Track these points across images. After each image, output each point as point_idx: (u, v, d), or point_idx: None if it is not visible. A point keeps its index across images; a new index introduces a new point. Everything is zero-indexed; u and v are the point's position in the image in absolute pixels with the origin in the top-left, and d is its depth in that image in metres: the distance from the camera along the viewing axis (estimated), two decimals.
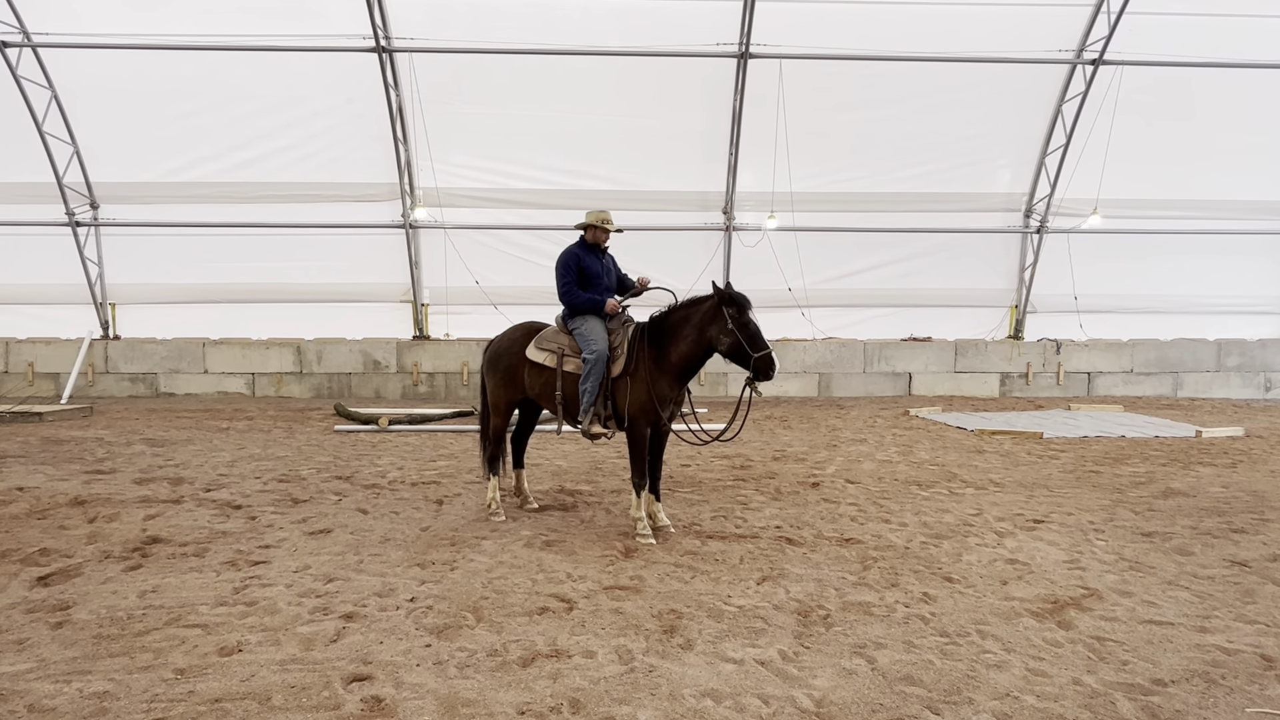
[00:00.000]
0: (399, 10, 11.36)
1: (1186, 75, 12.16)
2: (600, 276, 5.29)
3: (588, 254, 5.28)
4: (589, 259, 5.27)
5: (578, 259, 5.24)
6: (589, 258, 5.27)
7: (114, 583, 4.08)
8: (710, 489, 6.41)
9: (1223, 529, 5.24)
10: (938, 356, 13.76)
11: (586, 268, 5.24)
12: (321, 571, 4.26)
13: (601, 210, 5.36)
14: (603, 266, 5.32)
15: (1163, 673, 3.16)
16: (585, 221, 5.31)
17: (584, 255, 5.27)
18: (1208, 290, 13.98)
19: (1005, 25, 11.65)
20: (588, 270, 5.24)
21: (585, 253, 5.28)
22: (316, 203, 12.75)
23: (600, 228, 5.29)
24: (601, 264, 5.32)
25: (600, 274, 5.29)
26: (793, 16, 11.39)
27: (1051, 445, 8.64)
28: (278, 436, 9.06)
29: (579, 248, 5.30)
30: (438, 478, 6.77)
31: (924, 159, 12.97)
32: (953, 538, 5.03)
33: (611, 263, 5.46)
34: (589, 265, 5.25)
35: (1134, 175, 12.84)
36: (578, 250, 5.28)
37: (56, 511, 5.50)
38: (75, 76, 11.87)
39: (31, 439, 8.65)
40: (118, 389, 13.13)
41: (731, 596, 3.95)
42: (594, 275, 5.26)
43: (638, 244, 9.41)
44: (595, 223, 5.29)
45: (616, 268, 5.50)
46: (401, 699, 2.88)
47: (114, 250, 13.18)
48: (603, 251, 5.39)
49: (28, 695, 2.88)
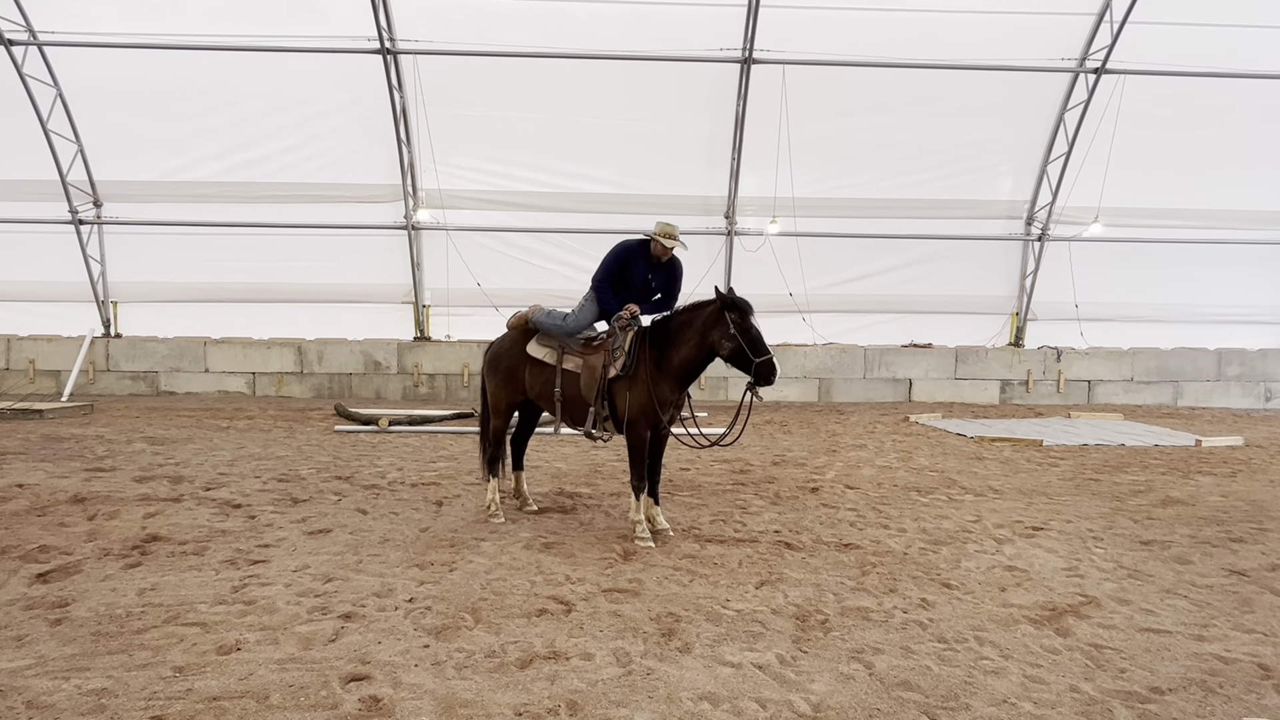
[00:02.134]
0: (404, 12, 11.40)
1: (1189, 85, 12.18)
2: (636, 284, 5.15)
3: (638, 259, 5.14)
4: (636, 264, 5.14)
5: (623, 258, 5.15)
6: (637, 262, 5.14)
7: (113, 580, 4.08)
8: (709, 493, 6.41)
9: (1221, 538, 5.24)
10: (938, 363, 13.76)
11: (628, 269, 5.14)
12: (320, 571, 4.27)
13: (669, 224, 5.09)
14: (647, 279, 5.15)
15: (1160, 681, 3.16)
16: (652, 232, 5.11)
17: (633, 258, 5.14)
18: (1208, 300, 13.98)
19: (1008, 33, 11.68)
20: (628, 273, 5.14)
21: (637, 256, 5.15)
22: (319, 203, 12.78)
23: (659, 239, 5.06)
24: (647, 275, 5.15)
25: (638, 282, 5.15)
26: (796, 23, 11.41)
27: (1051, 453, 8.65)
28: (278, 436, 9.07)
29: (636, 246, 5.18)
30: (437, 479, 6.78)
31: (926, 165, 12.99)
32: (951, 544, 5.03)
33: (668, 276, 5.22)
34: (633, 270, 5.14)
35: (1136, 184, 12.86)
36: (633, 248, 5.17)
37: (56, 509, 5.51)
38: (81, 75, 11.90)
39: (32, 436, 8.66)
40: (119, 387, 13.14)
41: (730, 600, 3.95)
42: (631, 281, 5.15)
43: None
44: (658, 234, 5.06)
45: (671, 287, 5.25)
46: (399, 699, 2.89)
47: (116, 248, 13.21)
48: (660, 263, 5.19)
49: (26, 692, 2.89)
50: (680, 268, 5.33)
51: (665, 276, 5.25)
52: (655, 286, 5.23)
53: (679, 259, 5.32)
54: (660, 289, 5.26)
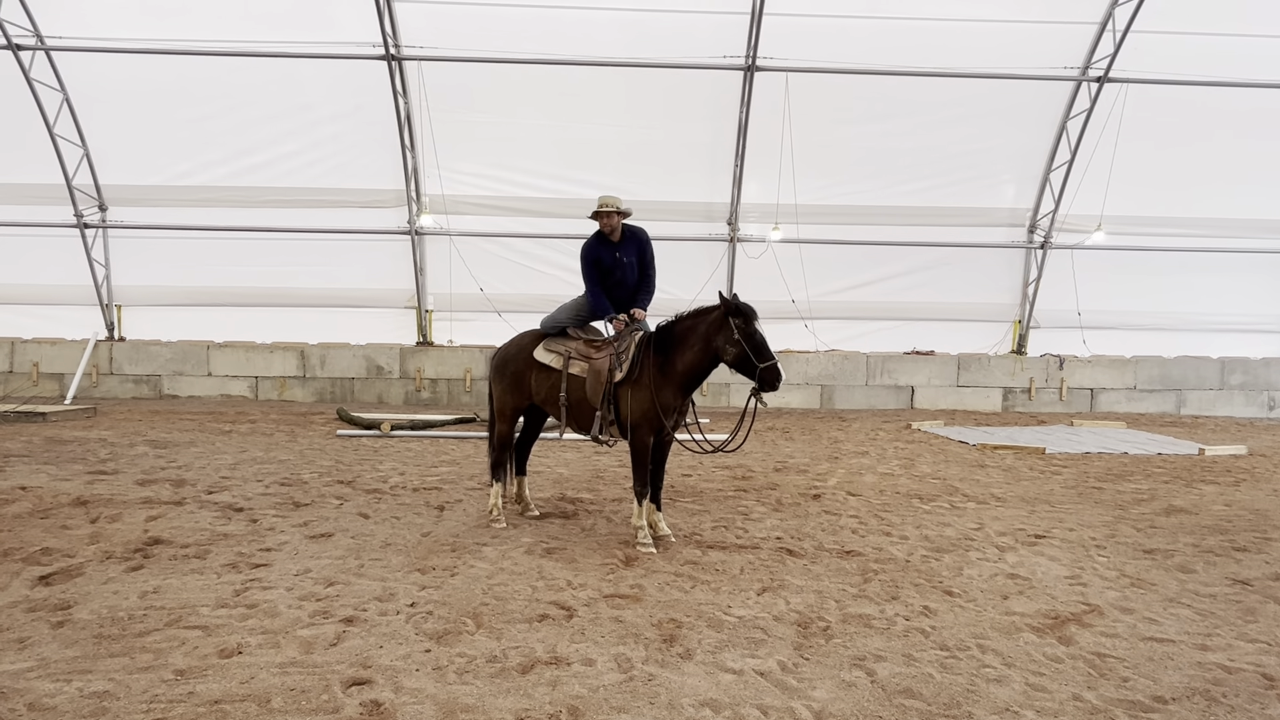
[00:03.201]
0: (408, 19, 11.46)
1: (1191, 94, 12.20)
2: (613, 270, 5.26)
3: (601, 246, 5.27)
4: (602, 250, 5.25)
5: (591, 254, 5.26)
6: (602, 249, 5.26)
7: (115, 583, 4.09)
8: (711, 499, 6.41)
9: (1225, 547, 5.23)
10: (940, 370, 13.75)
11: (601, 260, 5.24)
12: (322, 575, 4.27)
13: (608, 195, 5.23)
14: (615, 259, 5.25)
15: (1163, 690, 3.15)
16: (593, 210, 5.24)
17: (597, 247, 5.26)
18: (1212, 308, 13.97)
19: (1011, 41, 11.72)
20: (603, 263, 5.25)
21: (598, 244, 5.27)
22: (323, 208, 12.82)
23: (601, 211, 5.18)
24: (615, 256, 5.25)
25: (612, 267, 5.25)
26: (800, 30, 11.45)
27: (1054, 461, 8.63)
28: (280, 440, 9.08)
29: (594, 239, 5.30)
30: (439, 483, 6.78)
31: (929, 173, 13.02)
32: (954, 552, 5.02)
33: (634, 253, 5.29)
34: (604, 258, 5.25)
35: (1139, 192, 12.87)
36: (593, 241, 5.29)
37: (59, 511, 5.52)
38: (87, 80, 11.96)
39: (35, 439, 8.68)
40: (122, 390, 13.17)
41: (731, 607, 3.94)
42: (609, 269, 5.26)
43: None
44: (598, 207, 5.21)
45: (642, 258, 5.31)
46: (400, 703, 2.88)
47: (121, 252, 13.24)
48: (619, 241, 5.27)
49: (28, 694, 2.89)
50: (643, 237, 5.38)
51: (634, 251, 5.32)
52: (629, 263, 5.30)
53: (641, 230, 5.37)
54: (635, 264, 5.32)
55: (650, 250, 5.41)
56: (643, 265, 5.37)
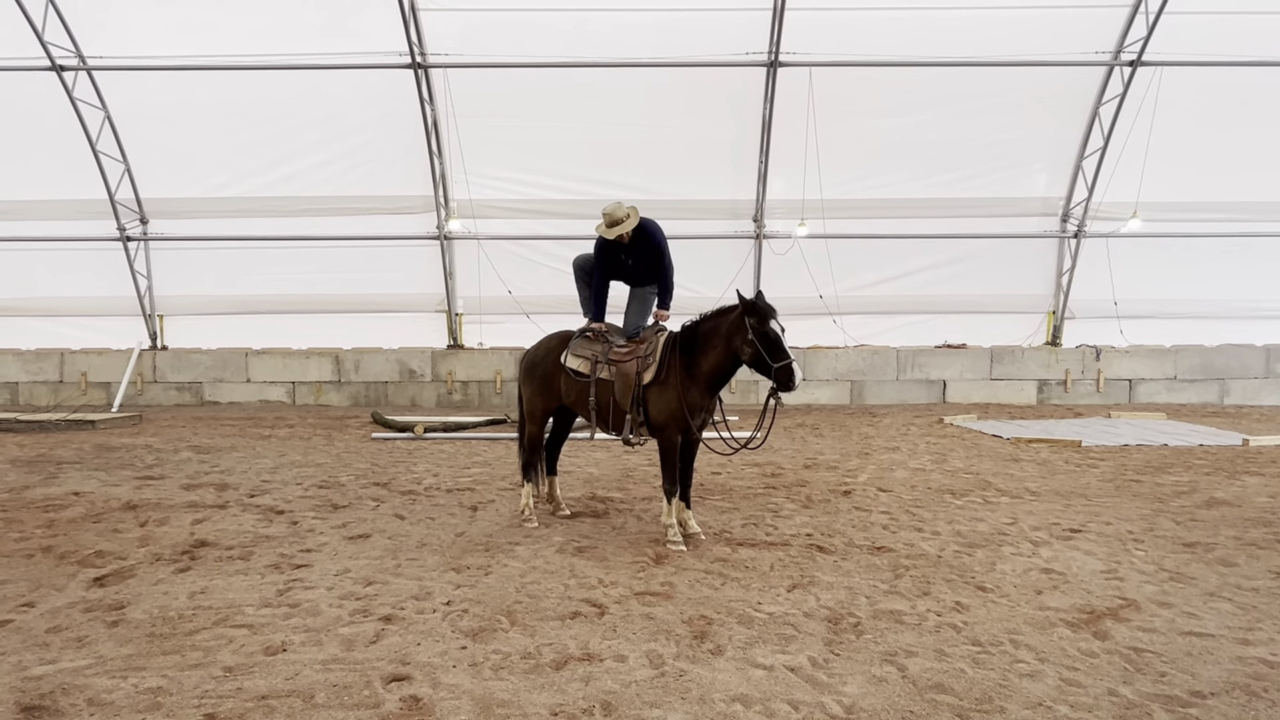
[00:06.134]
0: (433, 27, 11.62)
1: (1228, 74, 11.88)
2: (624, 272, 5.49)
3: (611, 249, 5.42)
4: (612, 254, 5.44)
5: (600, 256, 5.46)
6: (612, 252, 5.43)
7: (165, 584, 4.25)
8: (741, 497, 6.43)
9: (1269, 540, 5.11)
10: (973, 363, 13.57)
11: (612, 262, 5.46)
12: (361, 575, 4.38)
13: (609, 209, 5.26)
14: (625, 262, 5.43)
15: (1202, 685, 3.11)
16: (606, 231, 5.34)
17: (608, 251, 5.43)
18: (1254, 294, 13.55)
19: (1039, 27, 11.51)
20: (614, 265, 5.47)
21: (608, 249, 5.42)
22: (354, 215, 13.06)
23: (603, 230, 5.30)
24: (622, 258, 5.42)
25: (623, 269, 5.48)
26: (822, 24, 11.38)
27: (1090, 454, 8.48)
28: (317, 444, 9.29)
29: (602, 240, 5.43)
30: (472, 484, 6.89)
31: (957, 164, 12.83)
32: (986, 547, 4.98)
33: (643, 247, 5.34)
34: (613, 260, 5.46)
35: (1175, 177, 12.56)
36: (600, 245, 5.45)
37: (110, 515, 5.73)
38: (127, 97, 12.34)
39: (85, 446, 8.99)
40: (165, 398, 13.57)
41: (762, 603, 3.97)
42: (619, 271, 5.50)
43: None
44: (601, 225, 5.33)
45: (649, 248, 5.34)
46: (439, 699, 2.97)
47: (162, 264, 13.64)
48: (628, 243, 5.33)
49: (87, 690, 3.03)
50: (649, 231, 5.35)
51: (640, 249, 5.37)
52: (635, 264, 5.43)
53: (647, 225, 5.36)
54: (644, 261, 5.40)
55: (655, 241, 5.35)
56: (655, 259, 5.39)
